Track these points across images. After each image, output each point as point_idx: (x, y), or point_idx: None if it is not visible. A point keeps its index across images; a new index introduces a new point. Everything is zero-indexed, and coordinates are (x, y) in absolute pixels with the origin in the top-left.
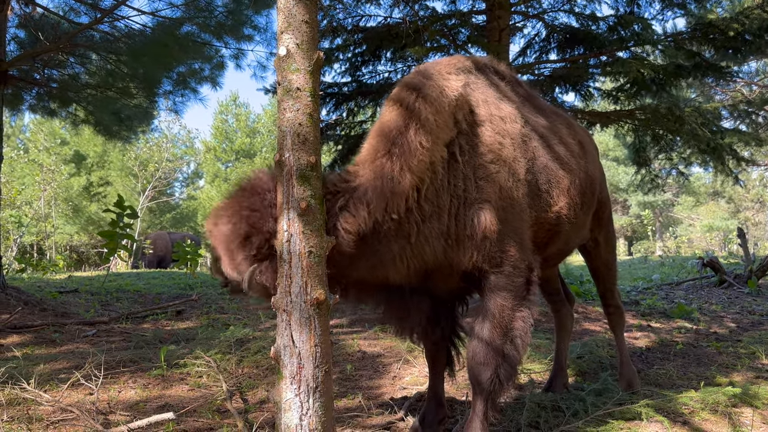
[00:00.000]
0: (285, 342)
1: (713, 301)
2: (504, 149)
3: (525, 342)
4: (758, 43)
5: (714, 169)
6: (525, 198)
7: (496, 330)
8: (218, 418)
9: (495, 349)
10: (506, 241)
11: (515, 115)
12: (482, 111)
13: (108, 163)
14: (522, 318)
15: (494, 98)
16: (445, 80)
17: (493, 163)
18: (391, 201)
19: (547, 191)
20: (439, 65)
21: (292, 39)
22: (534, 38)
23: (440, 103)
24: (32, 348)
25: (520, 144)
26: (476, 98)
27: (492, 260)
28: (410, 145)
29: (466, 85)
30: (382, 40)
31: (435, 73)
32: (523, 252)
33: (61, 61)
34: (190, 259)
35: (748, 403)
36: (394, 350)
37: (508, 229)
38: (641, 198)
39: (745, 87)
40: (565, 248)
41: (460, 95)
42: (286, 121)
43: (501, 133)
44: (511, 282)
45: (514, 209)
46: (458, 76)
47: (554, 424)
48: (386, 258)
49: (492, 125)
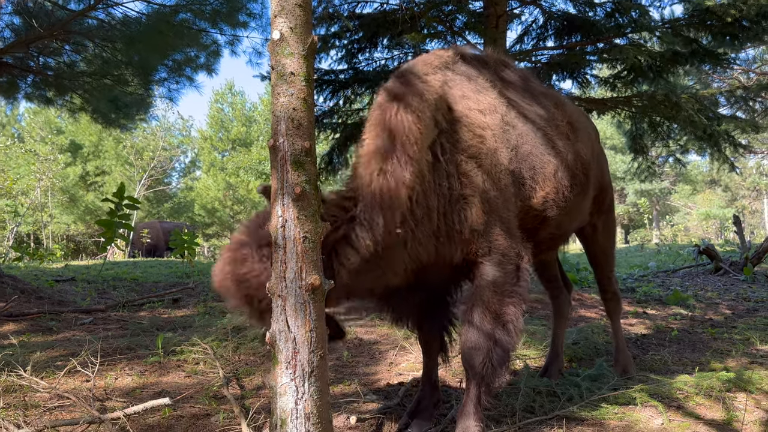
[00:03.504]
0: (280, 327)
1: (709, 288)
2: (485, 142)
3: (517, 327)
4: (756, 29)
5: (711, 156)
6: (510, 187)
7: (487, 316)
8: (215, 404)
9: (486, 334)
10: (493, 231)
11: (495, 106)
12: (460, 107)
13: (104, 152)
14: (513, 304)
15: (472, 92)
16: (424, 83)
17: (474, 158)
18: (390, 219)
19: (532, 177)
20: (417, 65)
21: (285, 23)
22: (531, 25)
23: (422, 110)
24: (29, 336)
25: (500, 135)
26: (454, 95)
27: (481, 250)
28: (401, 159)
29: (444, 83)
30: (378, 26)
31: (414, 77)
32: (511, 240)
33: (57, 48)
34: (187, 248)
35: (742, 387)
36: (391, 337)
37: (495, 220)
38: (638, 186)
39: (742, 74)
40: (558, 233)
41: (439, 96)
42: (280, 106)
43: (481, 126)
44: (501, 270)
45: (499, 200)
46: (435, 74)
47: (549, 409)
48: (387, 268)
49: (470, 120)
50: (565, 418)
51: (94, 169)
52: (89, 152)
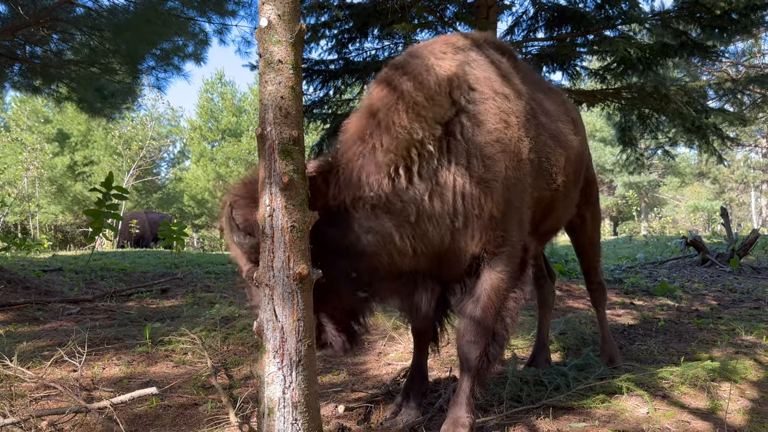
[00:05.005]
0: (268, 316)
1: (696, 280)
2: (510, 128)
3: (514, 321)
4: (744, 22)
5: (699, 149)
6: (528, 177)
7: (490, 310)
8: (203, 394)
9: (486, 329)
10: (509, 221)
11: (519, 93)
12: (485, 89)
13: (92, 142)
14: (514, 299)
15: (497, 75)
16: (437, 59)
17: (499, 142)
18: (366, 178)
19: (548, 170)
20: (433, 44)
21: (273, 10)
22: (522, 16)
23: (425, 79)
24: (15, 326)
25: (524, 122)
26: (477, 76)
27: (495, 241)
28: (384, 123)
29: (465, 62)
30: (368, 16)
31: (425, 53)
32: (521, 233)
33: (44, 36)
34: (176, 239)
35: (726, 377)
36: (380, 328)
37: (512, 210)
38: (627, 179)
39: (731, 67)
40: (557, 224)
41: (454, 74)
42: (268, 94)
43: (506, 111)
44: (509, 263)
45: (517, 189)
46: (455, 54)
47: (536, 398)
48: (384, 233)
49: (496, 103)
50: (551, 407)
51: (82, 159)
52: (77, 142)
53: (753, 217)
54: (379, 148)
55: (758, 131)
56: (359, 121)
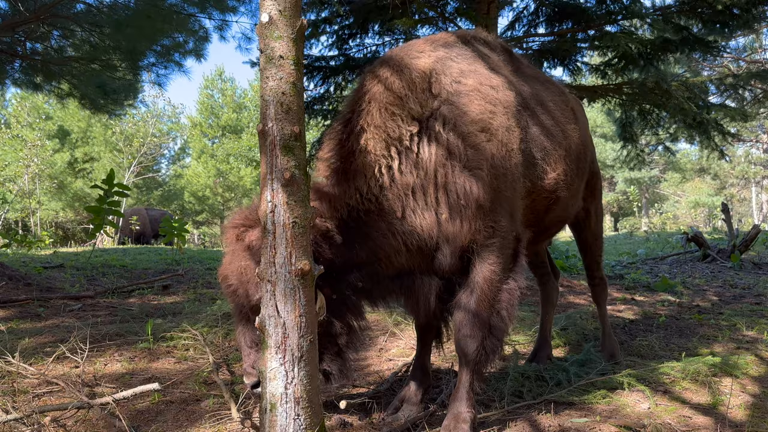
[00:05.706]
0: (270, 312)
1: (697, 275)
2: (495, 118)
3: (511, 314)
4: (746, 17)
5: (700, 144)
6: (518, 167)
7: (483, 302)
8: (204, 390)
9: (482, 321)
10: (499, 211)
11: (507, 84)
12: (470, 81)
13: (92, 138)
14: (509, 290)
15: (484, 68)
16: (413, 58)
17: (483, 132)
18: (353, 183)
19: (544, 159)
20: (412, 45)
21: (274, 5)
22: (523, 11)
23: (395, 80)
24: (17, 322)
25: (513, 113)
26: (462, 68)
27: (485, 231)
28: (356, 126)
29: (448, 57)
30: (369, 12)
31: (399, 54)
32: (512, 223)
33: (44, 33)
34: (177, 235)
35: (727, 372)
36: (381, 324)
37: (501, 199)
38: (628, 174)
39: (732, 62)
40: (563, 215)
41: (432, 69)
42: (269, 90)
43: (492, 102)
44: (501, 254)
45: (506, 178)
46: (435, 51)
47: (538, 393)
48: (378, 236)
49: (481, 94)
50: (553, 402)
51: (83, 156)
52: (78, 138)
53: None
54: (358, 153)
55: (759, 127)
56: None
